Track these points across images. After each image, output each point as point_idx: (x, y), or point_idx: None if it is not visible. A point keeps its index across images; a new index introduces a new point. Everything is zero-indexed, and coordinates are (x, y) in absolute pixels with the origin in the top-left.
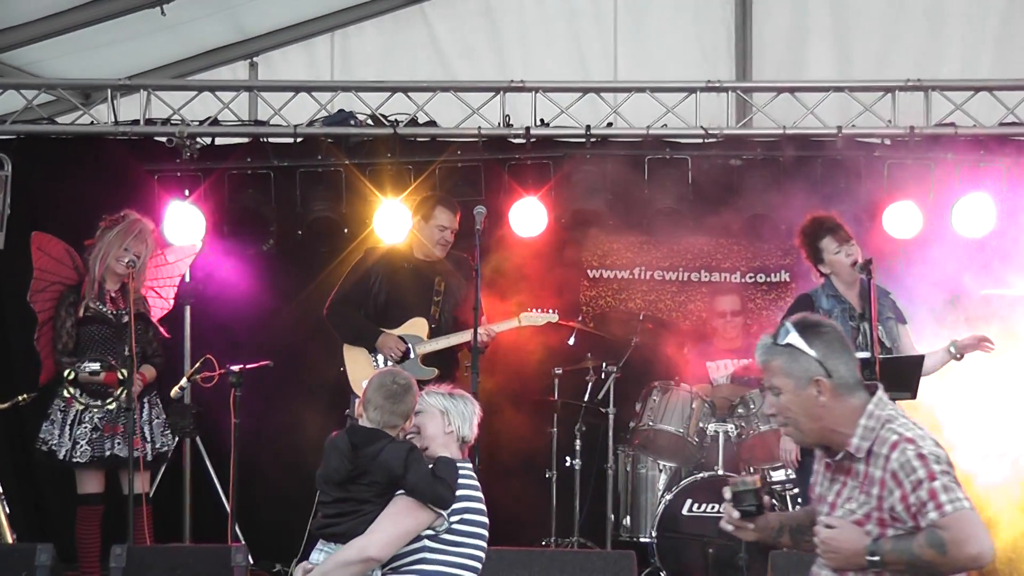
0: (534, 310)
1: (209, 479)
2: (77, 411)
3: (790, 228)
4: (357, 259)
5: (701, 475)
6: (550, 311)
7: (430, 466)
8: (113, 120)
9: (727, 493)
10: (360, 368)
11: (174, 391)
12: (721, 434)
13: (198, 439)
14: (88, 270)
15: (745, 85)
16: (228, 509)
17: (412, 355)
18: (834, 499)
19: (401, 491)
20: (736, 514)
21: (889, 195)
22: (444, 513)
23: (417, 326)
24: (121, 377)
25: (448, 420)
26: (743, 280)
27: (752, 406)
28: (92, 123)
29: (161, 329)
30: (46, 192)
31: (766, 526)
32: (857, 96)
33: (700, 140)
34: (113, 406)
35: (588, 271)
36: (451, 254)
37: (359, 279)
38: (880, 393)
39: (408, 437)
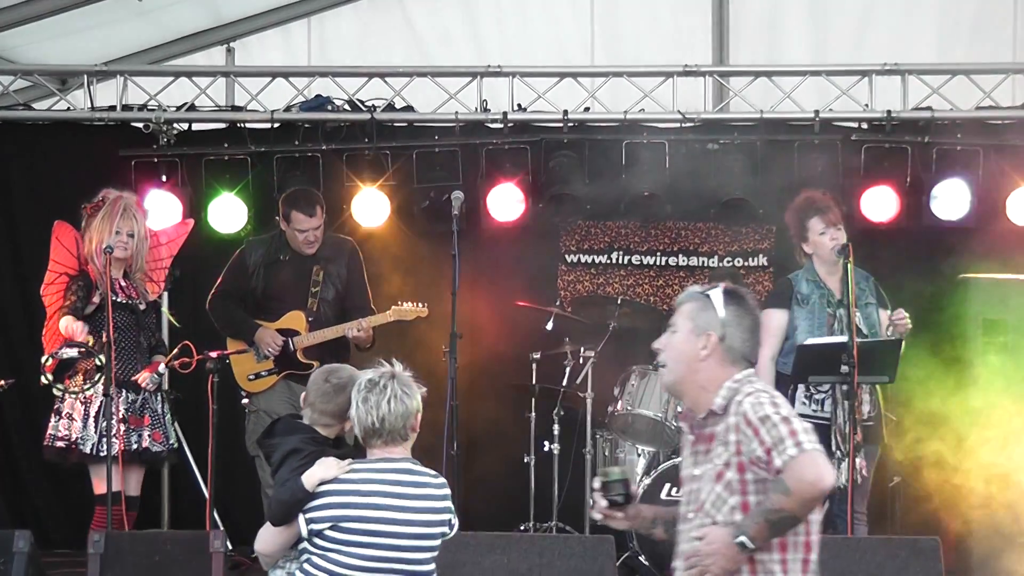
0: (406, 304)
1: (187, 465)
2: (101, 403)
3: (768, 212)
4: (238, 250)
5: (679, 459)
6: (419, 304)
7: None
8: (90, 106)
9: (596, 483)
10: (242, 362)
11: (143, 377)
12: None
13: (176, 425)
14: (90, 262)
15: (722, 69)
16: (206, 495)
17: (291, 348)
18: (698, 464)
19: None
20: (604, 503)
21: (866, 179)
22: (301, 522)
23: (294, 319)
24: (99, 363)
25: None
26: (721, 264)
27: None
28: (69, 109)
29: (172, 319)
30: (22, 178)
31: (638, 515)
32: (834, 80)
33: (677, 124)
34: (98, 389)
35: (566, 256)
36: (330, 237)
37: (238, 271)
38: (751, 371)
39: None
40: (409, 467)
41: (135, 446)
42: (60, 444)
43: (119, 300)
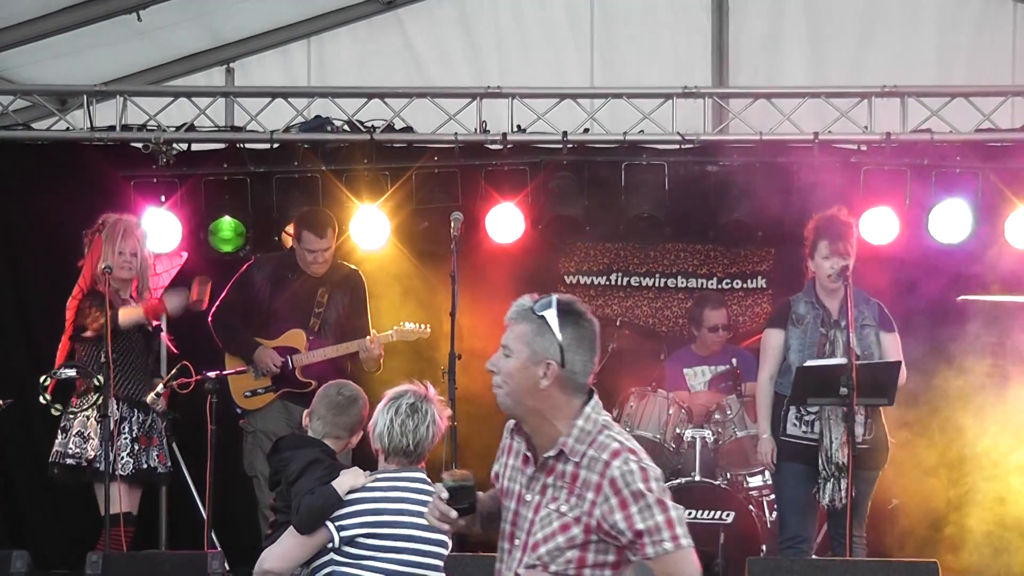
0: (408, 324)
1: (185, 486)
2: (115, 421)
3: (767, 234)
4: (246, 265)
5: (678, 481)
6: (422, 325)
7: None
8: (89, 126)
9: (443, 492)
10: (239, 379)
11: (150, 397)
12: (698, 440)
13: (174, 445)
14: (98, 283)
15: (721, 91)
16: (204, 516)
17: (290, 366)
18: (535, 497)
19: None
20: (454, 513)
21: (865, 201)
22: (332, 529)
23: (295, 338)
24: (97, 384)
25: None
26: (720, 286)
27: (729, 412)
28: (68, 129)
29: (171, 345)
30: (22, 198)
31: (473, 519)
32: (833, 102)
33: (677, 146)
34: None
35: (565, 277)
36: (340, 266)
37: (244, 286)
38: (596, 398)
39: None
40: (424, 478)
41: (145, 465)
42: (70, 462)
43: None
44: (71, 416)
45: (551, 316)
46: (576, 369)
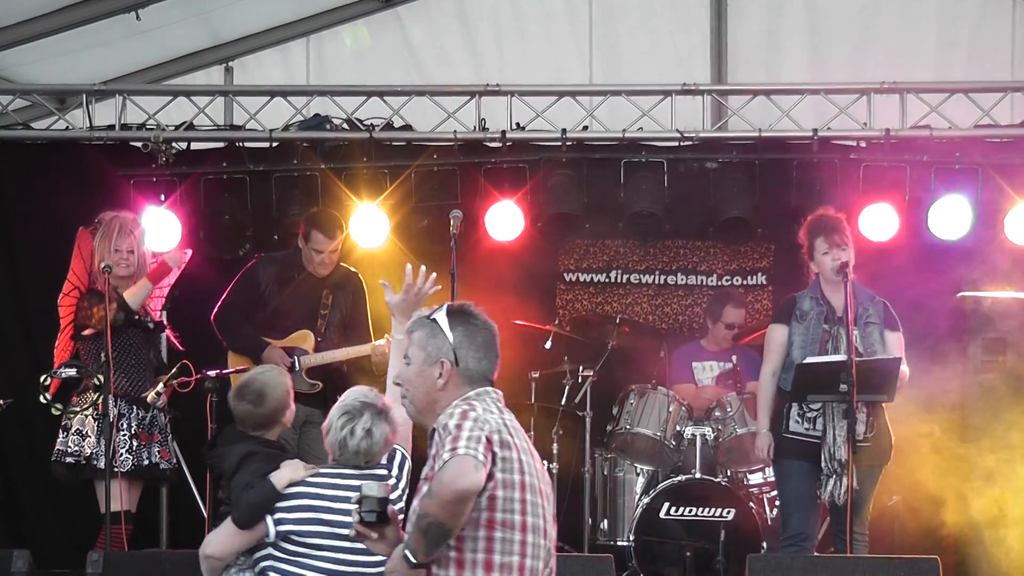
0: None
1: (186, 484)
2: (113, 418)
3: (766, 231)
4: (248, 265)
5: (678, 478)
6: None
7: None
8: (88, 125)
9: (355, 497)
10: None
11: (151, 396)
12: (698, 437)
13: (175, 444)
14: (96, 281)
15: (720, 88)
16: (205, 514)
17: (297, 368)
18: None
19: None
20: (356, 518)
21: (865, 197)
22: (269, 522)
23: (303, 338)
24: (97, 383)
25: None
26: (719, 283)
27: (729, 409)
28: (67, 128)
29: (175, 341)
30: (21, 198)
31: (396, 540)
32: (832, 99)
33: (676, 143)
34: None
35: (564, 274)
36: (340, 268)
37: (248, 286)
38: (490, 388)
39: None
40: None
41: (146, 462)
42: (70, 460)
43: (134, 318)
44: (71, 415)
45: (441, 318)
46: (470, 366)
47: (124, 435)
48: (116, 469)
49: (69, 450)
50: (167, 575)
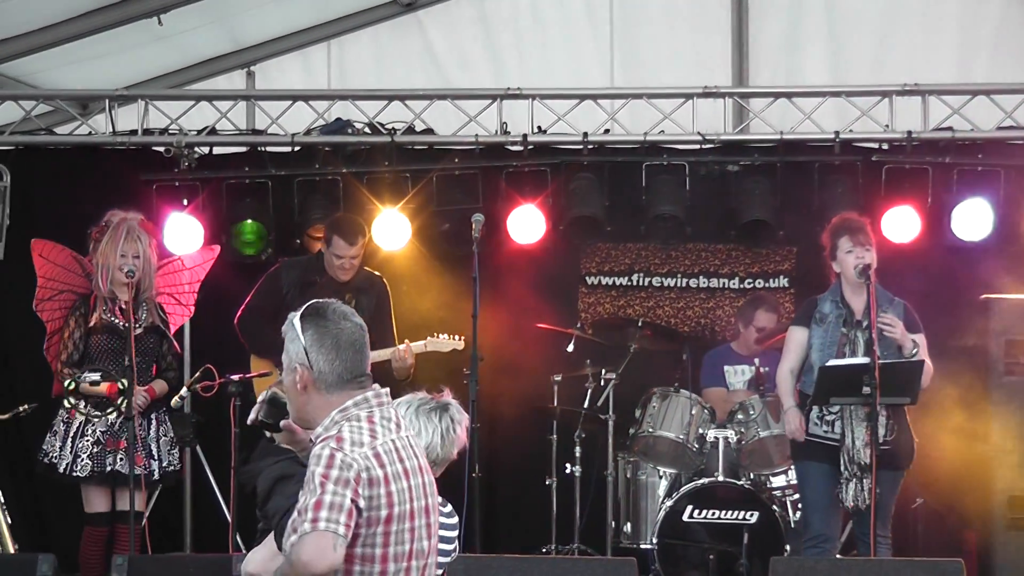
0: (442, 335)
1: (210, 489)
2: (80, 423)
3: (788, 234)
4: (270, 269)
5: (701, 481)
6: (456, 337)
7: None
8: (111, 130)
9: (264, 396)
10: (265, 382)
11: (174, 400)
12: (721, 440)
13: (199, 448)
14: (95, 285)
15: (742, 91)
16: (229, 518)
17: None
18: None
19: None
20: (253, 416)
21: (887, 200)
22: None
23: None
24: (121, 387)
25: None
26: (742, 286)
27: (752, 412)
28: (90, 133)
29: (175, 344)
30: (45, 203)
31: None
32: (854, 101)
33: (697, 146)
34: (113, 416)
35: (586, 278)
36: (364, 272)
37: (271, 290)
38: (370, 394)
39: None
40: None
41: (108, 468)
42: (46, 461)
43: (116, 321)
44: (95, 418)
45: (296, 321)
46: (324, 369)
47: (87, 441)
48: (75, 474)
49: (45, 451)
50: None
